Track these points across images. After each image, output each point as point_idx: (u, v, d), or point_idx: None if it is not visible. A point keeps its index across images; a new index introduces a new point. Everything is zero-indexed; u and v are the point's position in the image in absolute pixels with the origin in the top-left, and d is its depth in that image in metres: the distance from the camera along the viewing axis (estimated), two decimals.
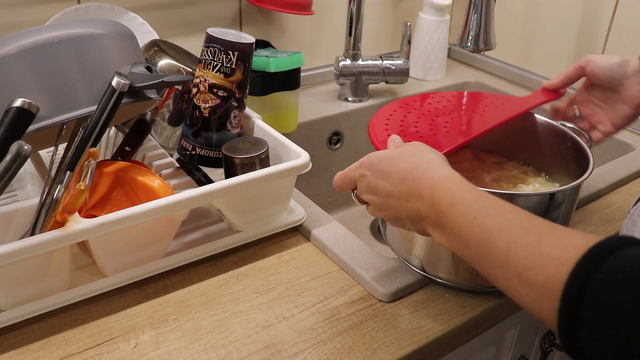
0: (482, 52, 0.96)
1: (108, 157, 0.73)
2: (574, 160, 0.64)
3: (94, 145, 0.56)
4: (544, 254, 0.33)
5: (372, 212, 0.50)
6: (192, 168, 0.72)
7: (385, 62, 1.05)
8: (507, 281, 0.36)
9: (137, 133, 0.67)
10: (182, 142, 0.73)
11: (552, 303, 0.32)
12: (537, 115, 0.71)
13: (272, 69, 0.85)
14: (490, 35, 0.92)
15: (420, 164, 0.44)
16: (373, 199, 0.49)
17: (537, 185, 0.69)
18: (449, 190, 0.40)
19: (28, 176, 0.74)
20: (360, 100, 1.07)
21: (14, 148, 0.50)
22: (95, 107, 0.56)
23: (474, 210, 0.37)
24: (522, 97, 0.75)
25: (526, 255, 0.34)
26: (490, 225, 0.36)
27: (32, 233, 0.54)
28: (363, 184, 0.49)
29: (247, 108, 0.75)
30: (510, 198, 0.53)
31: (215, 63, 0.69)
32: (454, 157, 0.72)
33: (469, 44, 0.92)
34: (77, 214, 0.54)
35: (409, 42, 1.05)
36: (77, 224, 0.54)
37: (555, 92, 0.73)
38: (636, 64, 0.63)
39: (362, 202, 0.52)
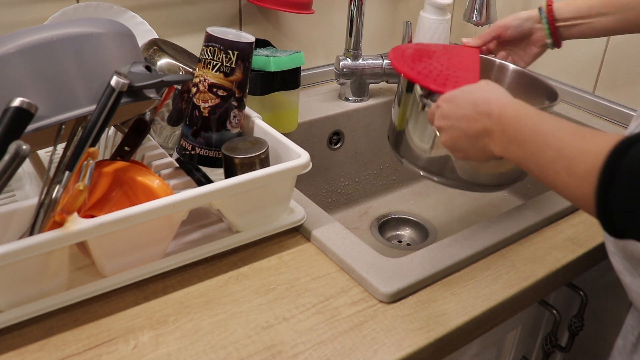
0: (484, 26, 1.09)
1: (107, 157, 0.73)
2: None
3: (93, 145, 0.56)
4: (586, 150, 0.42)
5: (442, 139, 0.60)
6: (192, 168, 0.72)
7: (386, 61, 1.05)
8: (557, 174, 0.44)
9: (136, 133, 0.67)
10: (181, 142, 0.72)
11: (590, 187, 0.40)
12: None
13: (272, 68, 0.85)
14: (491, 10, 1.07)
15: (492, 93, 0.55)
16: (443, 124, 0.60)
17: None
18: (514, 108, 0.51)
19: (27, 176, 0.74)
20: (361, 100, 1.07)
21: (12, 148, 0.49)
22: (94, 106, 0.56)
23: (534, 120, 0.48)
24: (462, 47, 0.85)
25: (573, 152, 0.43)
26: (546, 131, 0.46)
27: (31, 233, 0.54)
28: (438, 113, 0.61)
29: (247, 108, 0.75)
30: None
31: (215, 62, 0.68)
32: None
33: (474, 19, 1.08)
34: (76, 214, 0.54)
35: (410, 41, 1.05)
36: (76, 224, 0.53)
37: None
38: (537, 14, 0.80)
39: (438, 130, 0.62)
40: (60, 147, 0.59)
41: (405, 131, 0.75)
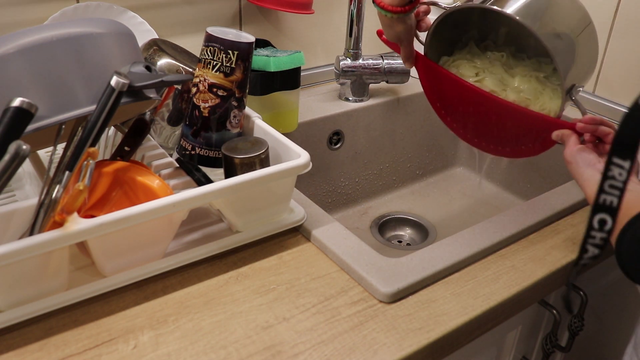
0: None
1: (107, 157, 0.73)
2: None
3: (93, 145, 0.55)
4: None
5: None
6: (192, 168, 0.71)
7: (385, 61, 1.05)
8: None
9: (136, 133, 0.67)
10: (181, 142, 0.72)
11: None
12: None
13: (272, 68, 0.85)
14: None
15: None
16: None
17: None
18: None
19: (27, 176, 0.74)
20: (361, 100, 1.07)
21: (12, 148, 0.49)
22: (94, 106, 0.56)
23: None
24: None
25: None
26: None
27: (31, 233, 0.54)
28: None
29: (247, 108, 0.75)
30: None
31: (215, 62, 0.68)
32: None
33: None
34: (76, 214, 0.54)
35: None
36: (76, 224, 0.53)
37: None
38: None
39: None
40: (60, 147, 0.59)
41: None
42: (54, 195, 0.54)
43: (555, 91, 0.71)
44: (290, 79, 0.89)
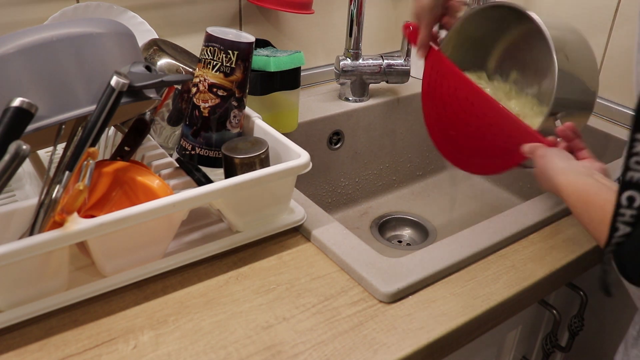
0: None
1: (107, 157, 0.73)
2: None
3: (93, 145, 0.55)
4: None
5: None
6: (192, 168, 0.72)
7: (386, 61, 1.05)
8: (591, 225, 0.55)
9: (136, 133, 0.67)
10: (181, 142, 0.72)
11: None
12: None
13: (272, 68, 0.85)
14: None
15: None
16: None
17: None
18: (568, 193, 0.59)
19: (27, 176, 0.74)
20: (361, 100, 1.07)
21: (12, 148, 0.49)
22: (94, 106, 0.56)
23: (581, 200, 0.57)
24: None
25: (605, 214, 0.51)
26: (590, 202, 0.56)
27: (31, 233, 0.54)
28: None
29: (247, 108, 0.75)
30: None
31: (215, 62, 0.68)
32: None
33: None
34: (76, 214, 0.54)
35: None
36: (76, 224, 0.53)
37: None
38: None
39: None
40: (60, 147, 0.59)
41: None
42: (54, 195, 0.54)
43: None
44: (290, 79, 0.89)
